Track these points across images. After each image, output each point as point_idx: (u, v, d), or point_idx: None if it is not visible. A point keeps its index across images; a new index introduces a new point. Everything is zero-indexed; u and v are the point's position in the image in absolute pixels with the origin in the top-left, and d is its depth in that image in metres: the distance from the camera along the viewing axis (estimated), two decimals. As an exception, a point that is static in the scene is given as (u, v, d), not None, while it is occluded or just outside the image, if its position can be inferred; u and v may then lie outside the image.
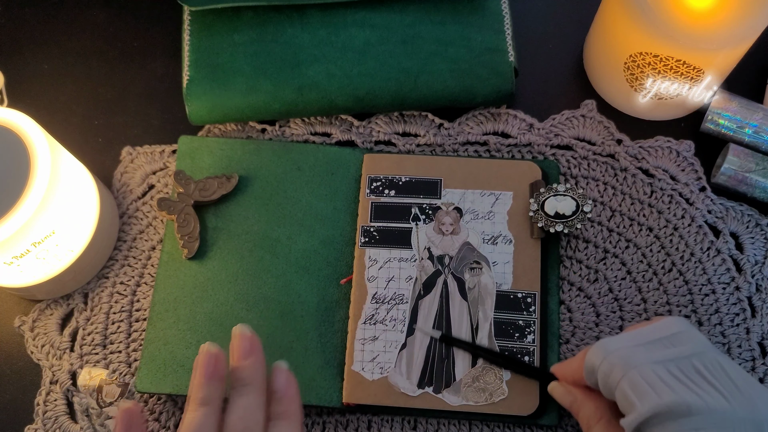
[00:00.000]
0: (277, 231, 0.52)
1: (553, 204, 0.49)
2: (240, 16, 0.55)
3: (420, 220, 0.51)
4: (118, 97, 0.58)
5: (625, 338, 0.40)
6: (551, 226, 0.49)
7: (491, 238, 0.51)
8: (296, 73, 0.54)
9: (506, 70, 0.54)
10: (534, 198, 0.50)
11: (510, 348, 0.48)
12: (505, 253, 0.50)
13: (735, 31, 0.47)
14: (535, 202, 0.50)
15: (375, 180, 0.53)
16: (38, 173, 0.44)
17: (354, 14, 0.55)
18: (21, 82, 0.59)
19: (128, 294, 0.53)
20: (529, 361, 0.47)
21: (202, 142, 0.55)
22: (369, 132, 0.56)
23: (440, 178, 0.52)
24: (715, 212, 0.53)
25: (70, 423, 0.50)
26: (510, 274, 0.50)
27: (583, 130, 0.56)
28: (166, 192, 0.55)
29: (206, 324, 0.50)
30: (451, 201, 0.52)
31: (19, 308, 0.53)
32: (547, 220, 0.49)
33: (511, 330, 0.48)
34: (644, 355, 0.38)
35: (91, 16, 0.61)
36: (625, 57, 0.51)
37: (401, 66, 0.54)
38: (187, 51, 0.55)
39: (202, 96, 0.54)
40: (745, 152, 0.52)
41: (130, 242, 0.54)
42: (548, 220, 0.49)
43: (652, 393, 0.36)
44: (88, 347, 0.51)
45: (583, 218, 0.49)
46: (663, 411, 0.36)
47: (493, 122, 0.56)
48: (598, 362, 0.40)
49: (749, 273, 0.51)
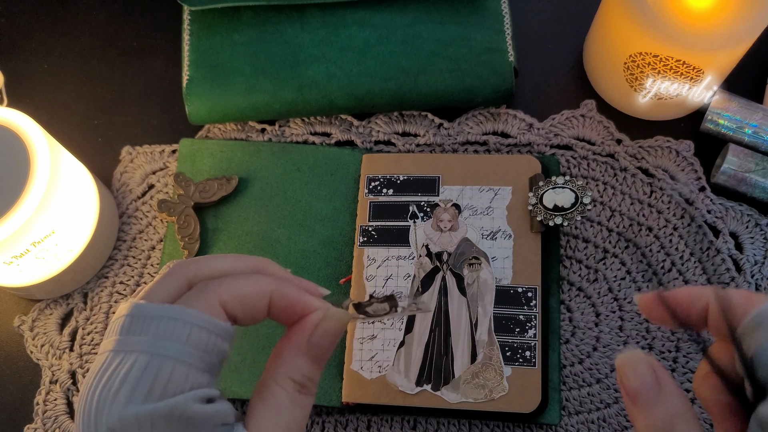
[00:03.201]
0: (277, 232, 0.52)
1: (552, 197, 0.49)
2: (240, 16, 0.55)
3: (418, 218, 0.51)
4: (117, 97, 0.58)
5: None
6: (550, 219, 0.48)
7: (490, 234, 0.50)
8: (296, 73, 0.54)
9: (506, 70, 0.54)
10: (533, 191, 0.50)
11: (510, 343, 0.47)
12: (504, 248, 0.50)
13: (735, 31, 0.47)
14: (533, 195, 0.49)
15: (373, 179, 0.53)
16: (38, 173, 0.44)
17: (354, 14, 0.55)
18: (21, 82, 0.59)
19: (128, 294, 0.53)
20: (530, 356, 0.47)
21: (202, 145, 0.55)
22: (369, 132, 0.56)
23: (438, 175, 0.52)
24: (715, 212, 0.53)
25: (70, 423, 0.50)
26: (510, 269, 0.49)
27: (582, 130, 0.56)
28: (165, 192, 0.55)
29: (206, 324, 0.50)
30: (450, 198, 0.52)
31: (19, 308, 0.53)
32: (546, 213, 0.49)
33: (512, 325, 0.48)
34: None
35: (91, 16, 0.61)
36: (624, 57, 0.51)
37: (401, 66, 0.54)
38: (186, 51, 0.55)
39: (202, 96, 0.54)
40: (745, 152, 0.52)
41: (130, 242, 0.54)
42: (547, 213, 0.49)
43: None
44: (87, 347, 0.51)
45: (582, 210, 0.48)
46: None
47: (493, 122, 0.56)
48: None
49: (749, 273, 0.51)
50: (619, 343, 0.50)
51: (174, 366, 0.29)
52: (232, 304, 0.31)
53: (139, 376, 0.28)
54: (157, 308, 0.30)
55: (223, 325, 0.31)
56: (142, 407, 0.28)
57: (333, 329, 0.33)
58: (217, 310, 0.31)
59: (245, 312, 0.32)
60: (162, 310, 0.30)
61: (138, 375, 0.28)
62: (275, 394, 0.31)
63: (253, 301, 0.32)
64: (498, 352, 0.47)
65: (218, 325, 0.30)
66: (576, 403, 0.49)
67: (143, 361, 0.28)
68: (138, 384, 0.28)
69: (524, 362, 0.47)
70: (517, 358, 0.47)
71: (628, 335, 0.50)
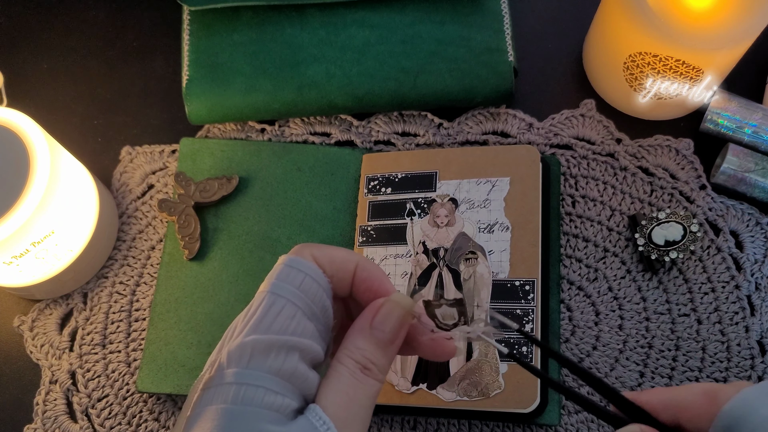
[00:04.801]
0: (278, 231, 0.52)
1: (660, 233, 0.50)
2: (239, 16, 0.55)
3: (415, 215, 0.51)
4: (117, 97, 0.58)
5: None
6: (665, 255, 0.49)
7: (487, 227, 0.50)
8: (296, 73, 0.54)
9: (506, 70, 0.54)
10: (639, 232, 0.50)
11: (507, 338, 0.46)
12: (501, 241, 0.49)
13: (734, 31, 0.47)
14: (641, 236, 0.50)
15: (372, 179, 0.52)
16: (37, 173, 0.44)
17: (353, 14, 0.55)
18: (20, 82, 0.59)
19: (128, 294, 0.53)
20: (526, 352, 0.46)
21: (203, 144, 0.55)
22: (368, 132, 0.56)
23: (436, 170, 0.52)
24: (716, 210, 0.53)
25: (70, 423, 0.50)
26: (507, 263, 0.48)
27: (582, 130, 0.56)
28: (165, 192, 0.55)
29: (207, 324, 0.50)
30: (447, 192, 0.51)
31: (19, 308, 0.53)
32: (659, 250, 0.49)
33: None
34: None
35: (91, 15, 0.61)
36: (624, 57, 0.51)
37: (401, 66, 0.54)
38: (186, 51, 0.55)
39: (202, 96, 0.54)
40: (745, 152, 0.52)
41: (130, 242, 0.54)
42: (660, 250, 0.49)
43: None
44: (87, 347, 0.51)
45: (694, 239, 0.49)
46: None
47: (493, 122, 0.56)
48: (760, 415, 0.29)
49: (749, 271, 0.51)
50: (618, 342, 0.50)
51: (285, 305, 0.33)
52: (322, 260, 0.35)
53: (255, 310, 0.33)
54: (287, 260, 0.35)
55: (324, 277, 0.35)
56: (245, 338, 0.32)
57: (395, 314, 0.35)
58: (314, 264, 0.35)
59: (333, 271, 0.35)
60: (289, 260, 0.35)
61: (254, 309, 0.33)
62: (337, 369, 0.34)
63: (340, 262, 0.35)
64: (494, 348, 0.46)
65: (321, 275, 0.35)
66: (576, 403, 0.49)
67: (266, 300, 0.33)
68: (253, 316, 0.33)
69: (521, 358, 0.46)
70: (514, 354, 0.46)
71: (628, 334, 0.50)
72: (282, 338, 0.32)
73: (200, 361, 0.48)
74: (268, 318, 0.33)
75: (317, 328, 0.34)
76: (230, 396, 0.31)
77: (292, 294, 0.33)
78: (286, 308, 0.33)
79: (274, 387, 0.31)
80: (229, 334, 0.33)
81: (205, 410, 0.31)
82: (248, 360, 0.31)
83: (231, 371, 0.31)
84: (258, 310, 0.33)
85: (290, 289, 0.33)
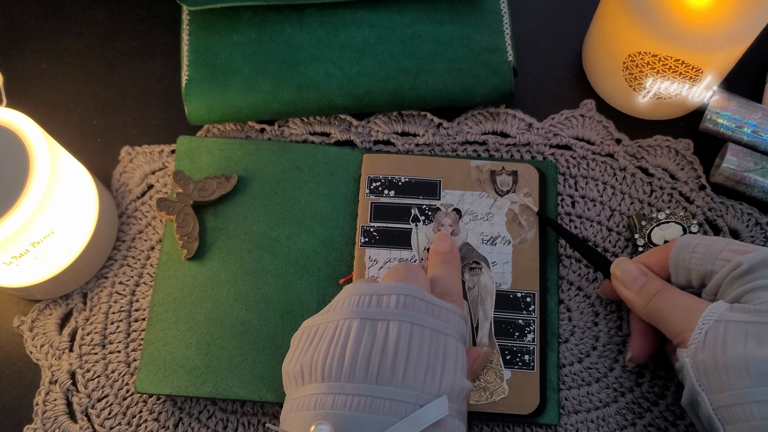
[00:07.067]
0: (277, 231, 0.52)
1: (660, 233, 0.50)
2: (239, 16, 0.55)
3: (420, 221, 0.51)
4: (117, 97, 0.58)
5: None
6: None
7: (490, 239, 0.51)
8: (295, 73, 0.54)
9: (505, 70, 0.54)
10: (639, 233, 0.50)
11: (510, 347, 0.48)
12: (504, 254, 0.50)
13: (734, 30, 0.47)
14: (641, 236, 0.50)
15: (374, 180, 0.53)
16: (37, 173, 0.44)
17: (353, 14, 0.55)
18: (20, 82, 0.59)
19: (127, 294, 0.53)
20: (529, 360, 0.48)
21: (200, 143, 0.55)
22: (368, 132, 0.56)
23: (439, 179, 0.52)
24: (715, 210, 0.53)
25: (70, 423, 0.50)
26: (509, 274, 0.50)
27: (582, 130, 0.56)
28: (165, 192, 0.55)
29: (206, 324, 0.50)
30: (450, 202, 0.52)
31: (18, 308, 0.53)
32: None
33: (511, 329, 0.48)
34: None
35: (91, 15, 0.61)
36: (624, 57, 0.51)
37: (400, 65, 0.54)
38: (186, 51, 0.55)
39: (201, 96, 0.54)
40: (744, 152, 0.52)
41: (129, 242, 0.54)
42: None
43: (760, 248, 0.41)
44: (87, 347, 0.51)
45: None
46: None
47: (492, 122, 0.56)
48: (696, 240, 0.43)
49: (748, 272, 0.51)
50: (618, 342, 0.50)
51: (460, 347, 0.41)
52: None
53: (455, 354, 0.40)
54: (441, 303, 0.42)
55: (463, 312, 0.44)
56: (465, 381, 0.40)
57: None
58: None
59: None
60: (443, 304, 0.42)
61: (454, 353, 0.40)
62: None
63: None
64: (498, 355, 0.48)
65: (465, 314, 0.44)
66: (575, 402, 0.49)
67: (455, 344, 0.41)
68: (457, 360, 0.40)
69: (523, 366, 0.47)
70: (517, 362, 0.47)
71: (627, 334, 0.50)
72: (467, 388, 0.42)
73: (199, 362, 0.48)
74: (461, 361, 0.42)
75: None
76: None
77: (460, 335, 0.43)
78: (460, 350, 0.42)
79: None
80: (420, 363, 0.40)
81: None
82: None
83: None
84: (455, 353, 0.41)
85: (459, 332, 0.43)
